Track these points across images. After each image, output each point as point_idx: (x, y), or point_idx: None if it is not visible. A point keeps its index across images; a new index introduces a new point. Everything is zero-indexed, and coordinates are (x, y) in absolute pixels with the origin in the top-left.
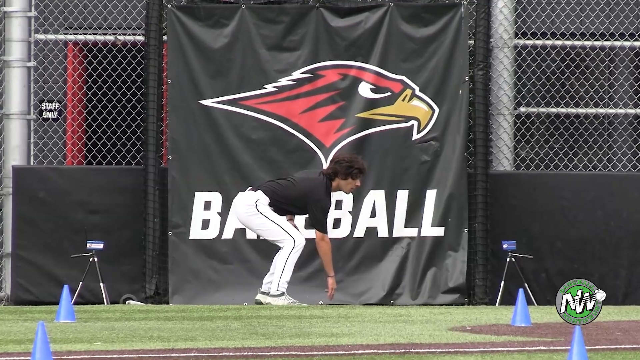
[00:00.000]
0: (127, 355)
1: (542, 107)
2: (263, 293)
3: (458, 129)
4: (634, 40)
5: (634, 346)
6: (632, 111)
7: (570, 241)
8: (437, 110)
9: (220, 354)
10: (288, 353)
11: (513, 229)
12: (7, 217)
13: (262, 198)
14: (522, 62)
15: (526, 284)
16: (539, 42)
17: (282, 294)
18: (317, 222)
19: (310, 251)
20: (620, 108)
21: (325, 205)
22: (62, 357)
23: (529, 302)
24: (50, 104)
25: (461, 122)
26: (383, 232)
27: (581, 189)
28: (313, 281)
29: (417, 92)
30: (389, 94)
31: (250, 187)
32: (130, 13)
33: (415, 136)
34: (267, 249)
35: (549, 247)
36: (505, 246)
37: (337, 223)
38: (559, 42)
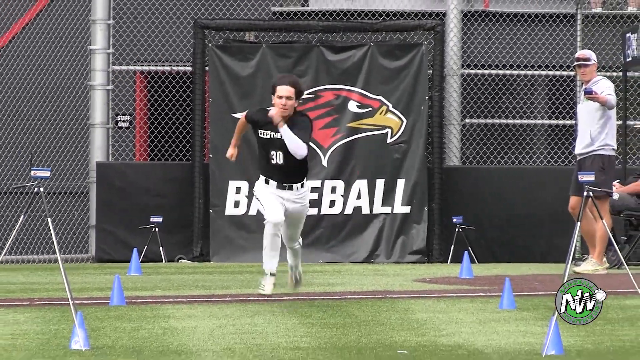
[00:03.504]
0: (180, 300)
1: (482, 118)
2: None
3: (420, 135)
4: (548, 70)
5: (548, 293)
6: (547, 122)
7: (503, 217)
8: (405, 121)
9: (248, 298)
10: (297, 298)
11: (461, 207)
12: (92, 200)
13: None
14: (467, 85)
15: (470, 248)
16: (480, 71)
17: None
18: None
19: (314, 221)
20: (539, 119)
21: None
22: (132, 300)
23: (472, 261)
24: (123, 116)
25: (423, 129)
26: (366, 210)
27: (511, 178)
28: (315, 244)
29: (391, 108)
30: (370, 109)
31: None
32: (181, 50)
33: (389, 140)
34: None
35: (488, 221)
36: (454, 220)
37: (332, 203)
38: (494, 71)
